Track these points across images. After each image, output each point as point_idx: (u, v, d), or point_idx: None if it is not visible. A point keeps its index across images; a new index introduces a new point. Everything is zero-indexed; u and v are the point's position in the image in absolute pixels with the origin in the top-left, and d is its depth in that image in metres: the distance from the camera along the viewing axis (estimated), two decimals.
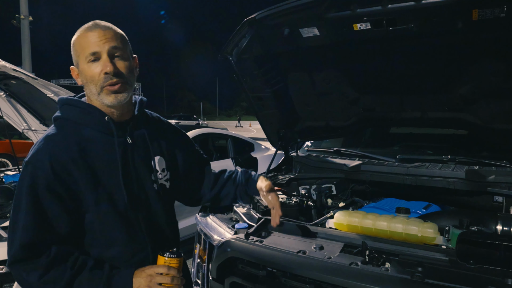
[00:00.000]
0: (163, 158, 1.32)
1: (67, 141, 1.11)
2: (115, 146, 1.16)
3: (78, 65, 1.16)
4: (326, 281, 1.35)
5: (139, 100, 1.30)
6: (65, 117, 1.17)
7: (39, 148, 1.09)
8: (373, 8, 1.63)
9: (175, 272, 1.09)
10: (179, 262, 1.12)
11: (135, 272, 1.10)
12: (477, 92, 1.93)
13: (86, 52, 1.11)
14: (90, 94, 1.17)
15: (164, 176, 1.31)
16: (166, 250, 1.12)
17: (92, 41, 1.11)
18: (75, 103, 1.19)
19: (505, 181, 1.82)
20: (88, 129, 1.16)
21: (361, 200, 2.21)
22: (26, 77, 3.07)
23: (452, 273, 1.26)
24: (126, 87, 1.17)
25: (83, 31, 1.14)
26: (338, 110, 2.46)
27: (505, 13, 1.44)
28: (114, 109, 1.18)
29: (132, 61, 1.22)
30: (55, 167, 1.06)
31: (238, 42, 2.07)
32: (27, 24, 13.14)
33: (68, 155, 1.08)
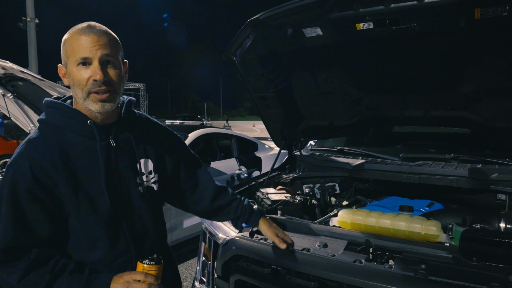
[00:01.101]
0: (149, 160, 1.28)
1: (48, 145, 1.09)
2: (98, 150, 1.14)
3: (66, 66, 1.13)
4: (330, 278, 1.36)
5: (127, 101, 1.27)
6: (48, 121, 1.15)
7: (20, 152, 1.08)
8: (376, 7, 1.64)
9: (152, 280, 1.08)
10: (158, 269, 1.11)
11: (113, 277, 1.09)
12: (480, 90, 1.93)
13: (77, 56, 1.08)
14: (76, 97, 1.14)
15: (151, 178, 1.28)
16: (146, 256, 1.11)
17: (84, 46, 1.07)
18: (58, 106, 1.16)
19: (508, 179, 1.82)
20: (71, 133, 1.14)
21: (365, 198, 2.22)
22: (33, 78, 3.10)
23: (456, 270, 1.27)
24: (114, 96, 1.14)
25: (77, 32, 1.10)
26: (341, 110, 2.47)
27: (507, 12, 1.44)
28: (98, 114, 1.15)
29: (123, 68, 1.18)
30: (35, 171, 1.05)
31: (242, 42, 2.08)
32: (33, 26, 13.24)
33: (48, 159, 1.07)
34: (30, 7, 13.13)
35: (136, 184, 1.23)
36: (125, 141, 1.23)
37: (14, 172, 1.06)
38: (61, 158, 1.09)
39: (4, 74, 3.24)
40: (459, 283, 1.20)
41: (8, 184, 1.05)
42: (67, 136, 1.13)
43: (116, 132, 1.21)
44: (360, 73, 2.19)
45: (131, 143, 1.23)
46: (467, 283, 1.19)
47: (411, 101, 2.21)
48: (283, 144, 2.66)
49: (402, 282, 1.24)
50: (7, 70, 3.11)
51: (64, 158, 1.09)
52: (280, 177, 2.56)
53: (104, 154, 1.15)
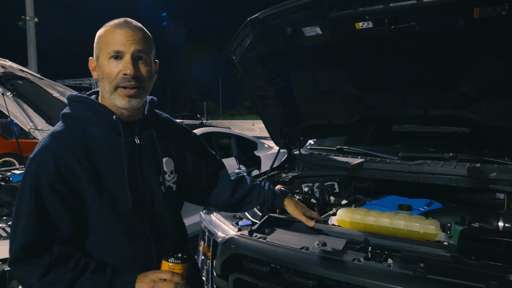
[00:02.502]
0: (171, 160, 1.28)
1: (72, 139, 1.07)
2: (122, 146, 1.12)
3: (98, 59, 1.12)
4: (329, 277, 1.37)
5: (150, 100, 1.26)
6: (73, 115, 1.13)
7: (43, 145, 1.06)
8: (375, 7, 1.64)
9: (178, 279, 1.06)
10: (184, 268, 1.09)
11: (138, 276, 1.06)
12: (479, 90, 1.93)
13: (110, 49, 1.08)
14: (103, 90, 1.13)
15: (172, 178, 1.27)
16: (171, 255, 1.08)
17: (118, 39, 1.07)
18: (83, 100, 1.15)
19: (506, 178, 1.82)
20: (95, 127, 1.12)
21: (364, 197, 2.22)
22: (33, 77, 3.10)
23: (454, 269, 1.27)
24: (142, 92, 1.13)
25: (112, 26, 1.10)
26: (340, 109, 2.47)
27: (506, 11, 1.45)
28: (124, 110, 1.14)
29: (154, 66, 1.18)
30: (59, 165, 1.03)
31: (241, 41, 2.08)
32: (32, 25, 13.24)
33: (72, 154, 1.05)
34: (30, 6, 13.13)
35: (159, 183, 1.21)
36: (149, 139, 1.21)
37: (37, 165, 1.04)
38: (85, 152, 1.07)
39: (4, 73, 3.24)
40: (457, 282, 1.20)
41: (31, 177, 1.03)
42: (91, 130, 1.11)
43: (140, 129, 1.20)
44: (360, 72, 2.19)
45: (154, 142, 1.22)
46: (465, 282, 1.19)
47: (411, 100, 2.21)
48: (282, 143, 2.66)
49: (401, 281, 1.24)
50: (7, 68, 3.11)
51: (88, 153, 1.07)
52: (279, 176, 2.56)
53: (128, 151, 1.14)
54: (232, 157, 5.09)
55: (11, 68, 3.05)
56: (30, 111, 3.81)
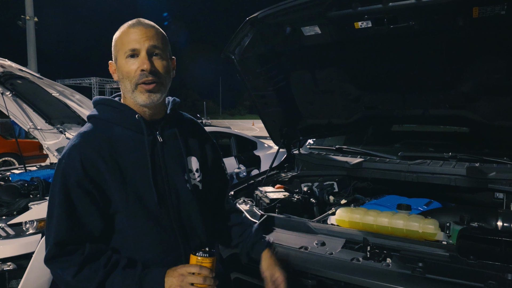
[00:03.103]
0: (195, 158, 1.29)
1: (97, 139, 1.11)
2: (145, 144, 1.15)
3: (116, 61, 1.16)
4: (328, 276, 1.37)
5: (172, 100, 1.29)
6: (97, 116, 1.18)
7: (71, 145, 1.10)
8: (374, 6, 1.64)
9: (207, 272, 1.06)
10: (212, 261, 1.09)
11: (167, 271, 1.08)
12: (478, 89, 1.93)
13: (126, 48, 1.11)
14: (124, 90, 1.16)
15: (197, 176, 1.28)
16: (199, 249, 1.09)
17: (133, 38, 1.11)
18: (107, 102, 1.19)
19: (505, 178, 1.82)
20: (119, 127, 1.15)
21: (363, 197, 2.22)
22: (32, 76, 3.09)
23: (453, 268, 1.28)
24: (161, 87, 1.15)
25: (126, 27, 1.14)
26: (340, 108, 2.47)
27: (505, 11, 1.45)
28: (146, 108, 1.17)
29: (170, 62, 1.21)
30: (85, 165, 1.07)
31: (241, 41, 2.08)
32: (32, 25, 13.22)
33: (98, 153, 1.08)
34: (30, 6, 13.12)
35: (184, 181, 1.22)
36: (172, 137, 1.23)
37: (65, 165, 1.07)
38: (110, 152, 1.10)
39: (3, 72, 3.23)
40: (456, 281, 1.20)
41: (60, 177, 1.07)
42: (115, 130, 1.15)
43: (163, 127, 1.22)
44: (359, 71, 2.19)
45: (177, 140, 1.24)
46: (464, 281, 1.20)
47: (410, 99, 2.21)
48: (282, 142, 2.66)
49: (400, 280, 1.24)
50: (6, 68, 3.10)
51: (112, 153, 1.10)
52: (279, 176, 2.56)
53: (151, 148, 1.16)
54: (232, 157, 5.09)
55: (10, 68, 3.05)
56: (30, 110, 3.80)
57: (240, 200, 2.07)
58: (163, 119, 1.23)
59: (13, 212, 2.57)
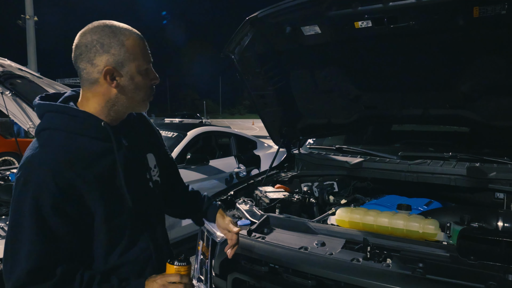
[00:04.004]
0: (152, 154, 1.29)
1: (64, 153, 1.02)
2: (114, 151, 1.11)
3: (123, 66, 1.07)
4: (328, 277, 1.37)
5: None
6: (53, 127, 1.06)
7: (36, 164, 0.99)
8: (374, 6, 1.64)
9: (187, 280, 1.07)
10: (189, 269, 1.10)
11: (146, 282, 1.06)
12: (478, 89, 1.93)
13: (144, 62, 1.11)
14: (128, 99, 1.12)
15: (156, 172, 1.29)
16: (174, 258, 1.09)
17: (147, 52, 1.13)
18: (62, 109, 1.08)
19: (506, 178, 1.82)
20: (82, 138, 1.07)
21: (363, 197, 2.22)
22: (31, 76, 3.09)
23: (453, 269, 1.27)
24: None
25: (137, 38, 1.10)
26: (340, 108, 2.47)
27: (506, 10, 1.44)
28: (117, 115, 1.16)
29: None
30: (60, 184, 0.98)
31: (240, 40, 2.08)
32: (32, 24, 13.20)
33: (70, 168, 1.01)
34: (29, 5, 13.10)
35: (147, 180, 1.24)
36: (132, 138, 1.23)
37: (36, 187, 0.97)
38: (81, 164, 1.04)
39: (3, 72, 3.23)
40: (456, 282, 1.20)
41: (31, 202, 0.97)
42: (79, 141, 1.07)
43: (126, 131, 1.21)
44: (359, 71, 2.19)
45: (137, 140, 1.24)
46: (464, 282, 1.19)
47: (410, 99, 2.20)
48: (282, 142, 2.65)
49: (400, 281, 1.24)
50: (5, 67, 3.10)
51: (84, 165, 1.04)
52: (279, 176, 2.56)
53: (120, 155, 1.13)
54: (232, 156, 5.08)
55: (9, 67, 3.04)
56: (29, 110, 3.80)
57: (240, 200, 2.07)
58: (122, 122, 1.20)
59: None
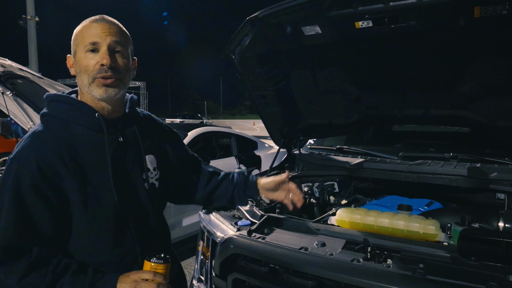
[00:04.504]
0: (153, 156, 1.28)
1: (54, 139, 1.06)
2: (105, 144, 1.11)
3: (75, 54, 1.12)
4: (328, 277, 1.36)
5: (130, 98, 1.27)
6: (53, 114, 1.12)
7: (25, 145, 1.04)
8: (375, 6, 1.64)
9: (161, 279, 1.04)
10: (166, 268, 1.07)
11: (119, 277, 1.04)
12: (480, 89, 1.92)
13: (86, 41, 1.08)
14: (81, 85, 1.12)
15: (155, 175, 1.27)
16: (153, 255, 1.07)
17: (94, 32, 1.08)
18: (63, 99, 1.14)
19: (507, 178, 1.81)
20: (77, 126, 1.11)
21: (363, 197, 2.22)
22: (32, 76, 3.10)
23: (454, 269, 1.27)
24: (119, 83, 1.12)
25: (88, 22, 1.12)
26: (340, 108, 2.47)
27: (507, 10, 1.44)
28: (104, 104, 1.14)
29: (131, 62, 1.19)
30: (42, 166, 1.01)
31: (241, 40, 2.08)
32: (33, 24, 13.24)
33: (55, 153, 1.04)
34: (31, 5, 13.14)
35: (142, 180, 1.22)
36: (131, 136, 1.22)
37: (19, 166, 1.02)
38: (68, 152, 1.06)
39: (3, 72, 3.24)
40: (457, 283, 1.19)
41: (12, 179, 1.01)
42: (73, 129, 1.10)
43: (123, 126, 1.19)
44: (360, 71, 2.18)
45: (137, 139, 1.22)
46: (465, 283, 1.19)
47: (411, 99, 2.20)
48: (282, 142, 2.65)
49: (400, 282, 1.24)
50: (6, 68, 3.11)
51: (71, 152, 1.06)
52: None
53: (112, 148, 1.13)
54: (232, 157, 5.09)
55: (10, 67, 3.05)
56: (30, 110, 3.81)
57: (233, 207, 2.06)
58: (123, 117, 1.20)
59: None
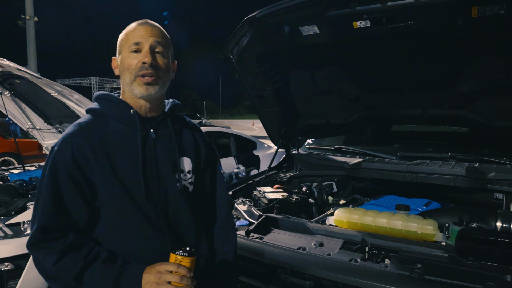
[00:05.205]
0: (189, 160, 1.29)
1: (90, 130, 1.14)
2: (138, 139, 1.17)
3: (119, 55, 1.20)
4: (326, 277, 1.36)
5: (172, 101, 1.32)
6: (94, 109, 1.21)
7: (66, 135, 1.14)
8: (373, 5, 1.64)
9: (185, 271, 1.04)
10: (191, 261, 1.07)
11: (145, 268, 1.08)
12: (478, 89, 1.93)
13: (130, 42, 1.16)
14: (123, 83, 1.19)
15: (188, 178, 1.27)
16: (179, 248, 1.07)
17: (138, 34, 1.17)
18: (105, 96, 1.23)
19: (505, 178, 1.81)
20: (114, 121, 1.18)
21: (362, 197, 2.22)
22: (30, 76, 3.08)
23: (452, 269, 1.27)
24: (159, 81, 1.18)
25: (133, 25, 1.20)
26: (339, 108, 2.47)
27: (504, 10, 1.44)
28: (142, 102, 1.19)
29: (172, 63, 1.25)
30: (76, 155, 1.10)
31: (239, 40, 2.08)
32: (32, 24, 13.22)
33: (88, 143, 1.11)
34: (30, 5, 13.11)
35: (174, 180, 1.23)
36: (166, 136, 1.25)
37: (56, 153, 1.11)
38: (101, 144, 1.13)
39: (1, 72, 3.22)
40: (454, 283, 1.20)
41: (50, 165, 1.10)
42: (110, 123, 1.18)
43: (158, 125, 1.24)
44: (358, 71, 2.18)
45: (172, 139, 1.25)
46: (463, 283, 1.19)
47: (409, 99, 2.20)
48: (281, 142, 2.65)
49: (398, 282, 1.24)
50: (4, 68, 3.09)
51: (104, 145, 1.13)
52: (278, 176, 2.55)
53: (143, 145, 1.18)
54: (231, 157, 5.08)
55: (8, 67, 3.04)
56: (28, 110, 3.80)
57: (238, 200, 2.07)
58: (160, 116, 1.25)
59: (11, 212, 2.56)
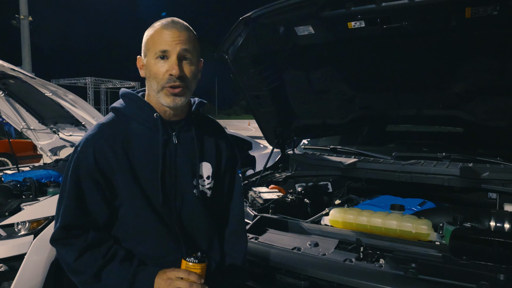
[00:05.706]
0: (209, 165, 1.27)
1: (113, 132, 1.14)
2: (159, 143, 1.16)
3: (145, 57, 1.17)
4: (321, 277, 1.36)
5: (198, 102, 1.28)
6: (119, 108, 1.20)
7: (88, 135, 1.15)
8: (367, 6, 1.64)
9: (195, 278, 1.04)
10: (202, 268, 1.07)
11: (158, 272, 1.08)
12: (472, 89, 1.94)
13: (157, 48, 1.11)
14: (150, 89, 1.17)
15: (207, 183, 1.26)
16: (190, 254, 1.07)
17: (165, 39, 1.11)
18: (130, 96, 1.21)
19: (499, 178, 1.83)
20: (137, 123, 1.17)
21: (357, 197, 2.22)
22: (24, 76, 3.06)
23: (446, 269, 1.28)
24: (186, 91, 1.15)
25: (160, 27, 1.14)
26: (334, 108, 2.47)
27: (497, 11, 1.45)
28: (167, 108, 1.17)
29: (198, 65, 1.22)
30: (97, 157, 1.11)
31: (234, 40, 2.07)
32: (26, 24, 13.15)
33: (110, 147, 1.12)
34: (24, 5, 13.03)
35: (192, 186, 1.22)
36: (188, 140, 1.23)
37: (79, 153, 1.12)
38: (123, 146, 1.13)
39: None
40: (449, 282, 1.20)
41: (73, 165, 1.12)
42: (132, 125, 1.17)
43: (181, 129, 1.21)
44: (353, 71, 2.19)
45: (193, 144, 1.23)
46: (457, 282, 1.19)
47: (404, 100, 2.21)
48: (276, 143, 2.65)
49: (392, 281, 1.24)
50: None
51: (125, 147, 1.13)
52: (273, 176, 2.55)
53: (164, 149, 1.17)
54: None
55: (2, 67, 3.01)
56: (23, 110, 3.77)
57: None
58: (183, 120, 1.22)
59: (5, 213, 2.53)
